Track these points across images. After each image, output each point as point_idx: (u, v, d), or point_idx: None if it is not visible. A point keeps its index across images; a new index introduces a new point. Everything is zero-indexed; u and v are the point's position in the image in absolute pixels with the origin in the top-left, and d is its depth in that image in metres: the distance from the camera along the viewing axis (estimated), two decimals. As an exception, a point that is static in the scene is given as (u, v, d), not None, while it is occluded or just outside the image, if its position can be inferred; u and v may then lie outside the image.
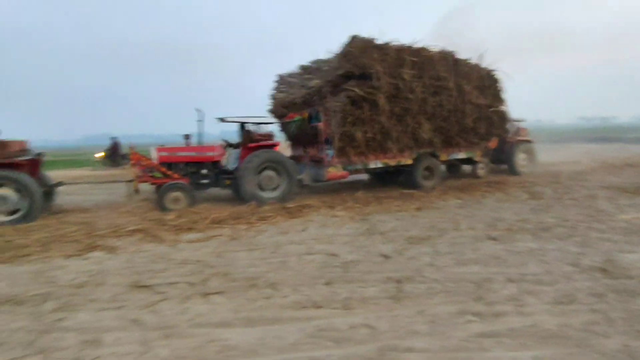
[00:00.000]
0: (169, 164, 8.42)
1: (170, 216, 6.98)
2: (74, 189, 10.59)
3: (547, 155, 15.23)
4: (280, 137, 10.90)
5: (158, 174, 8.37)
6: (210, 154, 8.74)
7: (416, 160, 9.71)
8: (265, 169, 8.46)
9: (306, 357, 2.65)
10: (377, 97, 8.67)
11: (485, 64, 10.40)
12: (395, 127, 9.12)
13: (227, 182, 8.64)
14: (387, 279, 4.03)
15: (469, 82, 9.94)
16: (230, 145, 9.61)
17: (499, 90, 10.56)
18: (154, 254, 5.16)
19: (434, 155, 10.02)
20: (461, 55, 10.06)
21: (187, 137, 9.07)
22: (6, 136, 7.59)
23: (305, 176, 9.24)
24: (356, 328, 3.04)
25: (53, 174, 9.78)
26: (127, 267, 4.65)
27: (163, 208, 7.60)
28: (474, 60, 10.27)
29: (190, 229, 6.31)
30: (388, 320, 3.15)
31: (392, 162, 9.49)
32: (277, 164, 8.55)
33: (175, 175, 8.26)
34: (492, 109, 10.36)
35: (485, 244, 5.07)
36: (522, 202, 7.71)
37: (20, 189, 7.03)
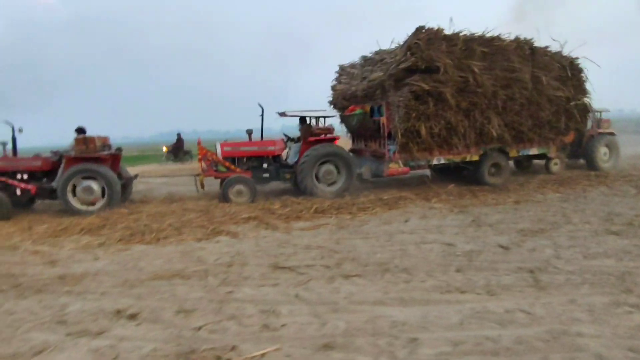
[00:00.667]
0: (233, 159, 8.79)
1: (276, 206, 7.46)
2: (175, 181, 11.52)
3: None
4: (340, 130, 10.96)
5: (222, 168, 8.75)
6: (271, 148, 8.98)
7: (483, 156, 9.26)
8: (324, 162, 8.58)
9: (478, 335, 2.85)
10: (444, 91, 8.35)
11: (568, 51, 9.72)
12: (462, 122, 8.73)
13: (288, 176, 8.84)
14: (517, 268, 4.11)
15: (548, 72, 9.28)
16: (290, 139, 9.82)
17: (582, 81, 9.80)
18: (276, 239, 5.59)
19: (502, 151, 9.51)
20: (540, 42, 9.43)
21: (249, 132, 9.25)
22: (90, 133, 8.37)
23: (365, 170, 9.22)
24: (512, 312, 3.18)
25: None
26: (259, 250, 5.09)
27: (226, 200, 7.99)
28: (554, 48, 9.61)
29: (298, 218, 6.72)
30: (541, 307, 3.26)
31: (457, 159, 9.09)
32: (336, 158, 8.64)
33: (238, 170, 8.64)
34: (573, 102, 9.64)
35: (608, 239, 4.97)
36: (633, 196, 7.39)
37: (103, 181, 7.67)
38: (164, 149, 21.20)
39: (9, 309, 3.49)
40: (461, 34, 8.56)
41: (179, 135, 20.92)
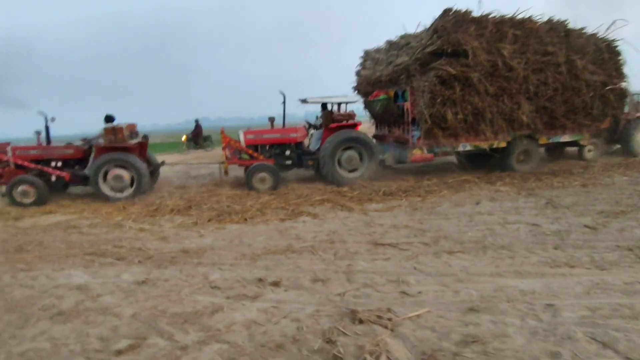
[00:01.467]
0: (256, 146, 8.93)
1: (345, 189, 7.75)
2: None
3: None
4: (363, 116, 10.86)
5: (245, 156, 8.92)
6: (293, 135, 9.05)
7: (511, 143, 8.97)
8: (346, 149, 8.63)
9: (611, 303, 3.08)
10: (471, 75, 8.08)
11: (606, 33, 9.31)
12: (490, 107, 8.47)
13: (310, 162, 8.94)
14: (615, 247, 4.32)
15: (584, 55, 8.98)
16: (312, 126, 9.88)
17: (620, 64, 9.45)
18: (358, 219, 5.83)
19: (531, 137, 9.14)
20: (576, 24, 9.08)
21: (271, 120, 9.35)
22: (120, 120, 8.55)
23: (388, 157, 9.22)
24: (632, 284, 3.41)
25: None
26: (349, 229, 5.34)
27: (250, 188, 8.16)
28: (591, 30, 9.26)
29: (370, 200, 6.95)
30: (658, 279, 3.46)
31: (484, 145, 8.80)
32: (358, 144, 8.66)
33: (261, 157, 8.78)
34: (609, 87, 9.29)
35: (698, 220, 5.09)
36: None
37: (132, 169, 7.87)
38: (183, 137, 20.52)
39: (160, 277, 3.82)
40: (490, 16, 8.31)
41: (196, 121, 20.16)
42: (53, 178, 8.19)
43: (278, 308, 3.13)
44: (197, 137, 19.72)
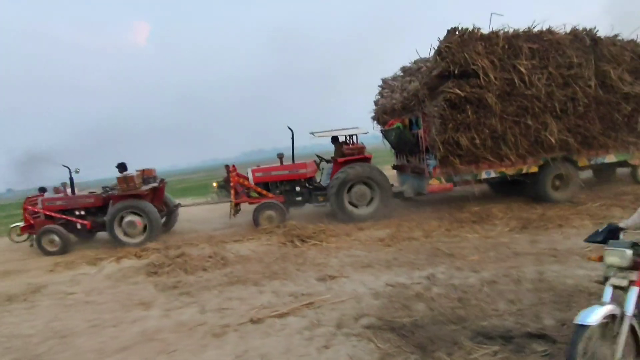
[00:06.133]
0: (266, 184, 8.88)
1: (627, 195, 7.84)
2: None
3: None
4: (375, 147, 10.51)
5: (255, 194, 8.88)
6: (302, 171, 8.87)
7: (543, 167, 8.16)
8: (357, 183, 8.33)
9: None
10: (485, 96, 7.55)
11: None
12: (511, 129, 7.79)
13: (320, 198, 8.69)
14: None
15: (618, 65, 8.03)
16: (325, 160, 9.59)
17: None
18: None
19: (568, 160, 8.23)
20: (607, 32, 8.23)
21: (280, 156, 9.17)
22: (141, 164, 9.26)
23: (407, 188, 8.91)
24: None
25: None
26: None
27: (258, 225, 8.21)
28: (627, 37, 8.26)
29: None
30: None
31: (510, 171, 8.11)
32: (368, 178, 8.34)
33: (270, 195, 8.70)
34: None
35: None
36: None
37: (144, 215, 8.29)
38: (214, 184, 17.39)
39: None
40: (501, 32, 7.77)
41: (227, 167, 17.41)
42: (78, 226, 8.83)
43: None
44: (228, 184, 16.80)
